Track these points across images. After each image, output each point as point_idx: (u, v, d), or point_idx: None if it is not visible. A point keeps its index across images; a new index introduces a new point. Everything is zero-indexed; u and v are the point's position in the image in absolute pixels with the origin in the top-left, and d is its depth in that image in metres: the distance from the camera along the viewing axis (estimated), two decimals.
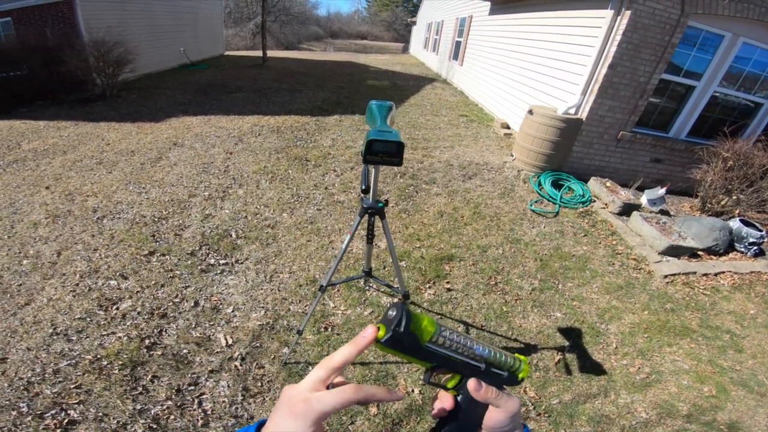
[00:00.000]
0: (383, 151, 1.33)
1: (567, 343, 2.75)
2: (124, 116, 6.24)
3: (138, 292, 2.70)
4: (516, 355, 0.54)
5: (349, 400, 0.42)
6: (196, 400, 2.06)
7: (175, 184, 4.14)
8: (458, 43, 11.55)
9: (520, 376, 0.54)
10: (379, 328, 0.44)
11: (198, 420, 1.97)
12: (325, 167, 4.90)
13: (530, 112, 5.02)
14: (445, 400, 0.51)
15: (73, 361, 2.18)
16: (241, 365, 2.27)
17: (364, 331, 0.44)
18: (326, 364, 0.44)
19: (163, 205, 3.75)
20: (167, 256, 3.07)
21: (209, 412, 2.01)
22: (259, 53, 14.16)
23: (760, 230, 4.13)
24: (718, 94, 5.06)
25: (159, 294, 2.70)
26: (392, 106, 1.57)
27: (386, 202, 1.72)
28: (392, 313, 0.45)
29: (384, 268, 3.21)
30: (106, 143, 5.08)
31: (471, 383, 0.48)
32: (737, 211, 4.50)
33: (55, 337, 2.31)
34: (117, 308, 2.56)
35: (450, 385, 0.52)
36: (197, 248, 3.19)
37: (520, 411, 0.50)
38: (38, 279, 2.73)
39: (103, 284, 2.74)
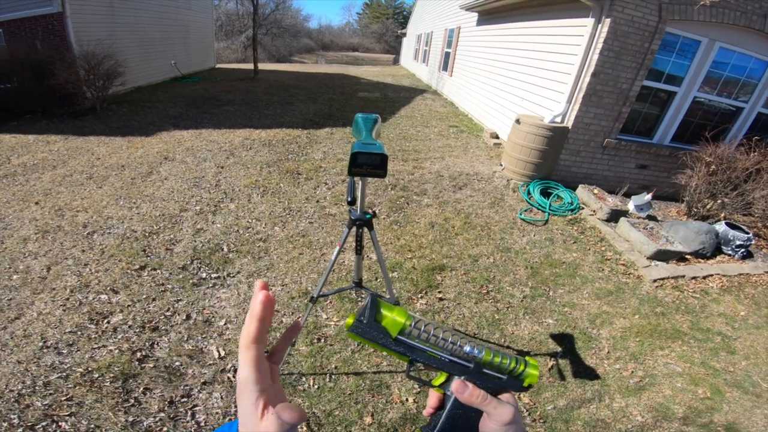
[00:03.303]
0: (368, 164, 1.36)
1: (559, 349, 2.77)
2: (115, 130, 6.23)
3: (129, 306, 2.69)
4: (527, 359, 0.48)
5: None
6: (189, 412, 2.06)
7: (166, 199, 4.14)
8: (447, 54, 11.74)
9: (527, 382, 0.47)
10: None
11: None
12: (317, 180, 4.93)
13: (517, 121, 5.11)
14: (430, 398, 0.49)
15: (64, 374, 2.17)
16: (234, 377, 2.27)
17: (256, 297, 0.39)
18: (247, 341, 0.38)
19: (154, 219, 3.74)
20: (158, 271, 3.06)
21: (203, 424, 2.01)
22: (250, 66, 14.24)
23: (747, 233, 4.20)
24: (699, 99, 5.20)
25: (150, 308, 2.69)
26: (378, 118, 1.61)
27: (374, 214, 1.75)
28: (364, 303, 0.46)
29: (376, 279, 3.22)
30: (96, 158, 5.07)
31: (455, 383, 0.45)
32: (723, 215, 4.59)
33: (45, 351, 2.30)
34: (108, 322, 2.55)
35: (436, 382, 0.49)
36: (189, 262, 3.19)
37: (517, 421, 0.45)
38: (28, 294, 2.72)
39: (93, 298, 2.72)
